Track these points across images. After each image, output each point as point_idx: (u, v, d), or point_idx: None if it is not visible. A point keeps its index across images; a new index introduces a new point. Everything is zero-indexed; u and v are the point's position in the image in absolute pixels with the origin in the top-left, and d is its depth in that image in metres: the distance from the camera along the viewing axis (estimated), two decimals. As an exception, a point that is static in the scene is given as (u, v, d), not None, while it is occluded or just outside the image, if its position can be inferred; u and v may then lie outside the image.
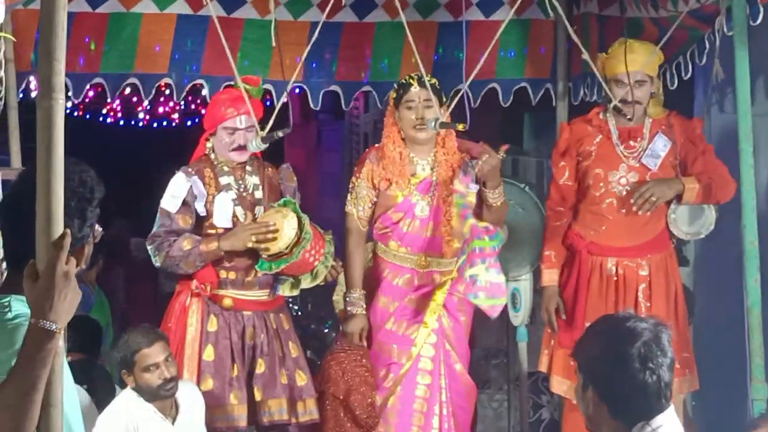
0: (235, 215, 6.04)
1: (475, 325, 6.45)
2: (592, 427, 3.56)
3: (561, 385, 6.38)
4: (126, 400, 5.50)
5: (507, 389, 8.17)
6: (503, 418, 8.08)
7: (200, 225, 6.08)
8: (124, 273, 10.97)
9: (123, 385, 5.52)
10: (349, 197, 6.24)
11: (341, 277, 7.21)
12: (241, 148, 6.06)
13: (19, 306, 3.28)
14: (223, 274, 6.07)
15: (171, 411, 5.62)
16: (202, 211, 6.04)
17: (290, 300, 9.30)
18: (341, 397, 7.17)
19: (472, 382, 6.31)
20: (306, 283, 6.10)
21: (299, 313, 9.91)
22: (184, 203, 6.01)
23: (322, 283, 6.26)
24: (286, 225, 5.85)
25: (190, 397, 5.72)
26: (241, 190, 6.13)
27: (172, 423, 5.60)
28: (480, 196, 6.09)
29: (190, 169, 6.08)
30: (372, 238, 6.36)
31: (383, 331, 6.16)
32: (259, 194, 6.15)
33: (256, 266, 5.99)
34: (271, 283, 6.12)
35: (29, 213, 3.11)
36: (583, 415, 3.59)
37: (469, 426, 6.31)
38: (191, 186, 6.01)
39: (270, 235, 5.83)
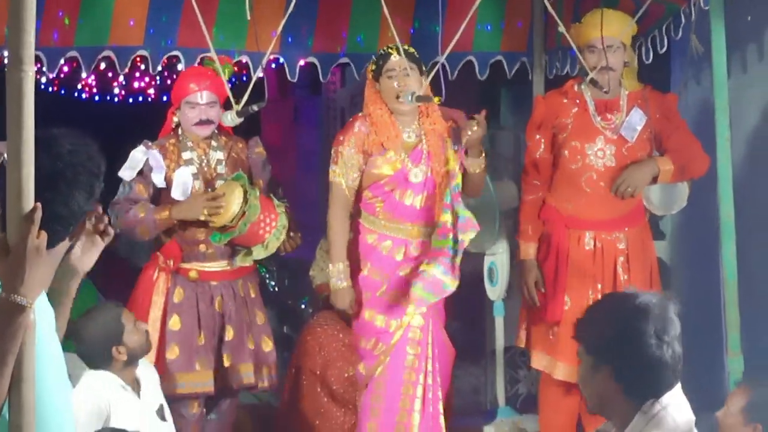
0: (194, 188, 6.19)
1: (452, 298, 6.44)
2: (600, 409, 3.56)
3: (540, 360, 6.40)
4: (94, 380, 5.48)
5: (484, 363, 8.18)
6: (480, 393, 8.10)
7: (161, 196, 6.24)
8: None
9: (94, 366, 5.49)
10: (334, 168, 6.17)
11: (318, 252, 7.22)
12: (203, 122, 6.24)
13: None
14: (186, 248, 6.25)
15: (135, 386, 5.66)
16: (160, 183, 6.21)
17: (267, 276, 9.32)
18: (318, 372, 7.19)
19: (453, 347, 6.33)
20: (258, 253, 6.23)
21: (276, 289, 9.91)
22: (141, 173, 6.19)
23: (283, 253, 6.44)
24: (232, 199, 6.01)
25: (147, 371, 5.82)
26: (203, 164, 6.28)
27: (138, 396, 5.64)
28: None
29: (150, 143, 6.26)
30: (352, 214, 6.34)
31: (372, 301, 6.14)
32: (221, 169, 6.29)
33: (209, 237, 6.16)
34: (231, 254, 6.29)
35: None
36: (590, 397, 3.57)
37: (447, 388, 6.32)
38: (147, 158, 6.19)
39: (218, 208, 5.99)
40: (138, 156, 6.19)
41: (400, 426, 6.05)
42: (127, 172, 6.17)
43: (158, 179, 6.19)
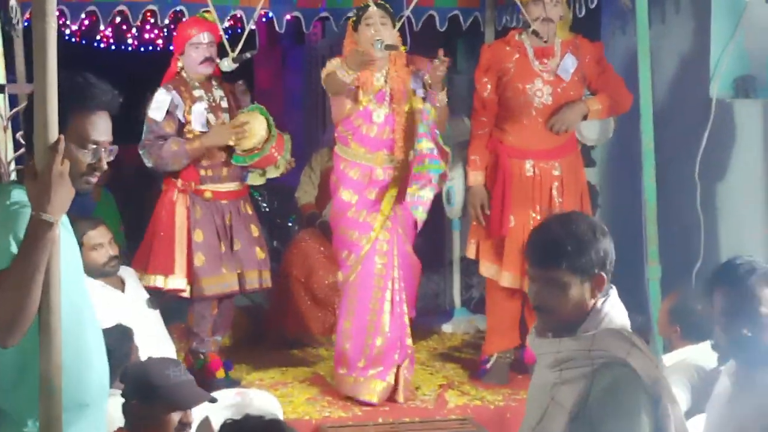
0: (208, 121, 6.19)
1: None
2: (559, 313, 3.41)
3: (488, 269, 6.41)
4: None
5: (443, 272, 8.22)
6: (440, 296, 8.14)
7: (180, 131, 6.20)
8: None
9: None
10: (329, 66, 5.99)
11: (303, 177, 7.24)
12: (207, 60, 6.23)
13: (18, 194, 3.27)
14: (202, 172, 6.24)
15: (118, 284, 5.75)
16: (182, 119, 6.17)
17: (260, 198, 9.31)
18: (302, 279, 7.24)
19: (418, 260, 6.34)
20: (270, 173, 6.31)
21: (267, 209, 9.90)
22: (168, 112, 6.14)
23: (284, 172, 6.44)
24: (257, 125, 6.04)
25: (130, 276, 5.91)
26: (211, 100, 6.27)
27: (122, 291, 5.73)
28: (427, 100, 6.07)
29: (169, 85, 6.21)
30: (328, 144, 6.36)
31: (345, 219, 6.15)
32: (224, 104, 6.30)
33: (231, 160, 6.17)
34: (240, 176, 6.31)
35: None
36: (560, 304, 3.39)
37: (413, 297, 6.36)
38: (171, 98, 6.15)
39: (244, 133, 6.02)
40: (163, 97, 6.15)
41: (371, 324, 6.07)
42: (157, 113, 6.13)
43: (181, 116, 6.16)
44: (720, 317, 3.61)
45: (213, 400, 4.33)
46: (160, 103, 6.13)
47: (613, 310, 3.39)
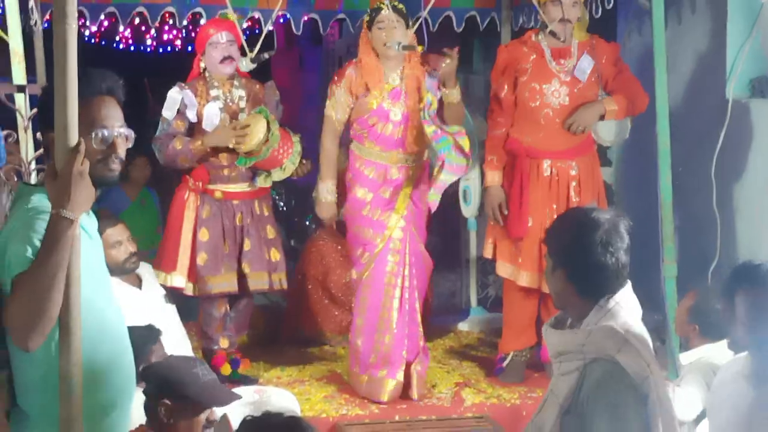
0: (221, 121, 6.18)
1: (433, 215, 6.47)
2: (560, 303, 3.56)
3: (505, 269, 6.40)
4: None
5: (459, 271, 8.21)
6: (456, 295, 8.13)
7: (194, 129, 6.23)
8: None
9: None
10: (328, 103, 6.22)
11: (319, 177, 7.24)
12: (226, 59, 6.22)
13: (38, 199, 3.27)
14: (212, 172, 6.26)
15: (136, 282, 5.75)
16: (193, 118, 6.20)
17: (277, 197, 9.32)
18: (320, 278, 7.24)
19: (430, 259, 6.33)
20: (276, 175, 6.25)
21: (285, 208, 9.91)
22: (178, 111, 6.18)
23: (295, 177, 6.43)
24: (257, 128, 6.00)
25: (148, 273, 5.92)
26: (228, 100, 6.26)
27: (139, 289, 5.73)
28: (441, 97, 6.07)
29: (183, 84, 6.25)
30: (345, 143, 6.37)
31: (359, 217, 6.16)
32: (243, 104, 6.28)
33: (236, 162, 6.16)
34: (251, 177, 6.28)
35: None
36: (552, 292, 3.58)
37: (426, 298, 6.36)
38: (182, 97, 6.18)
39: (244, 136, 6.00)
40: (175, 96, 6.19)
41: (382, 321, 6.08)
42: (168, 112, 6.18)
43: (191, 115, 6.18)
44: (743, 318, 3.61)
45: (238, 398, 4.35)
46: (171, 102, 6.18)
47: (619, 306, 3.42)
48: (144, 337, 4.62)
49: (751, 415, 3.57)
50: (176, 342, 5.60)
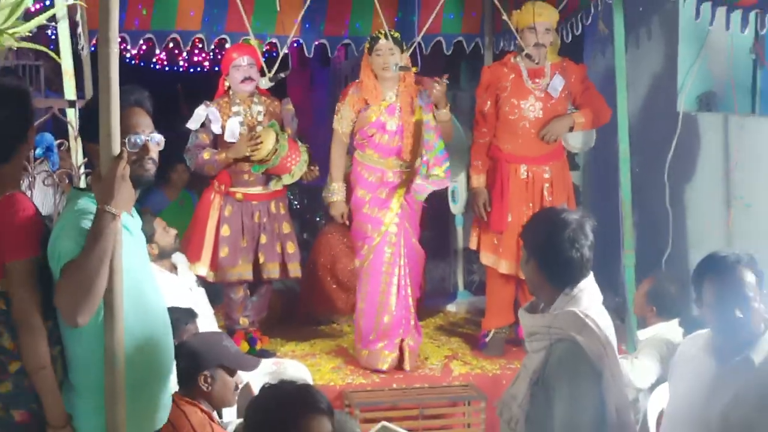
0: (240, 133, 6.16)
1: (427, 212, 6.46)
2: (533, 290, 3.58)
3: (488, 258, 6.40)
4: None
5: (448, 260, 8.20)
6: (446, 280, 8.13)
7: (218, 140, 6.22)
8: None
9: None
10: (335, 118, 6.23)
11: (329, 180, 7.23)
12: (246, 79, 6.21)
13: (84, 202, 3.27)
14: (234, 177, 6.27)
15: (172, 269, 5.75)
16: (217, 131, 6.19)
17: (292, 197, 9.31)
18: (328, 266, 7.24)
19: (422, 250, 6.32)
20: (286, 180, 6.23)
21: (298, 206, 9.89)
22: (203, 125, 6.18)
23: (304, 181, 6.44)
24: (268, 139, 6.01)
25: (179, 257, 5.89)
26: (247, 115, 6.24)
27: (176, 275, 5.74)
28: (434, 116, 6.06)
29: (208, 102, 6.25)
30: (350, 151, 6.37)
31: (360, 214, 6.17)
32: (260, 118, 6.26)
33: (251, 169, 6.17)
34: (266, 181, 6.27)
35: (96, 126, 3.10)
36: (526, 280, 3.62)
37: (419, 281, 6.35)
38: (207, 114, 6.17)
39: (257, 147, 6.02)
40: (200, 112, 6.18)
41: (380, 304, 6.08)
42: (192, 124, 6.18)
43: (216, 128, 6.16)
44: (710, 301, 3.58)
45: (260, 362, 4.37)
46: (196, 117, 6.18)
47: (582, 294, 3.43)
48: (183, 317, 4.63)
49: (714, 384, 3.56)
50: (206, 320, 5.60)
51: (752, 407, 3.41)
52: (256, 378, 4.94)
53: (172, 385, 3.87)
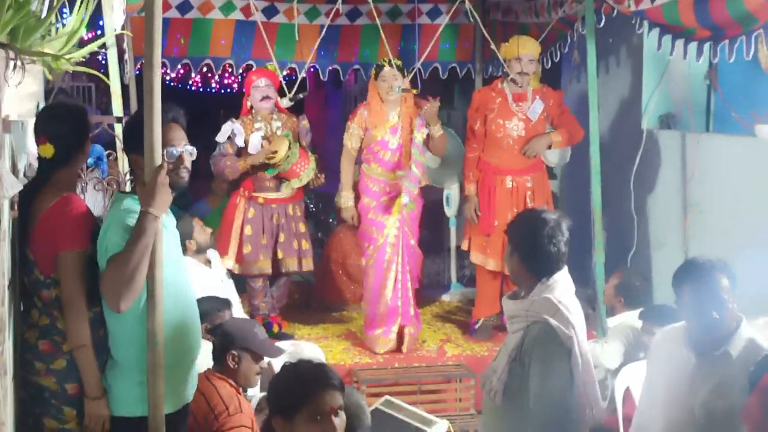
0: (262, 146, 6.16)
1: (425, 215, 6.46)
2: (515, 279, 3.59)
3: (477, 257, 6.39)
4: None
5: (443, 256, 8.19)
6: (441, 274, 8.11)
7: (242, 152, 6.21)
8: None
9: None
10: (345, 135, 6.22)
11: (340, 186, 7.23)
12: (264, 98, 6.20)
13: (129, 202, 3.28)
14: (257, 183, 6.27)
15: (207, 263, 5.72)
16: (241, 144, 6.19)
17: (309, 200, 9.30)
18: (340, 261, 7.23)
19: (420, 251, 6.32)
20: (294, 184, 6.22)
21: (314, 209, 9.88)
22: (229, 138, 6.19)
23: (312, 186, 6.44)
24: (281, 147, 6.01)
25: (213, 253, 5.86)
26: (268, 130, 6.23)
27: (210, 268, 5.71)
28: (428, 133, 6.07)
29: (234, 119, 6.26)
30: (358, 162, 6.38)
31: (366, 219, 6.18)
32: (279, 133, 6.23)
33: (265, 171, 6.19)
34: (278, 185, 6.27)
35: (139, 138, 3.10)
36: (509, 271, 3.62)
37: (417, 278, 6.35)
38: (232, 128, 6.18)
39: (272, 153, 6.03)
40: (227, 127, 6.19)
41: (382, 297, 6.09)
42: (220, 137, 6.19)
43: (240, 141, 6.16)
44: (691, 304, 3.48)
45: (283, 352, 4.35)
46: (223, 131, 6.20)
47: (556, 284, 3.44)
48: (218, 305, 4.63)
49: (695, 375, 3.48)
50: (234, 306, 5.61)
51: (733, 396, 3.35)
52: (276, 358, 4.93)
53: (202, 363, 3.87)
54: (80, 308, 3.25)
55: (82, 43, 3.76)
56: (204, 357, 4.13)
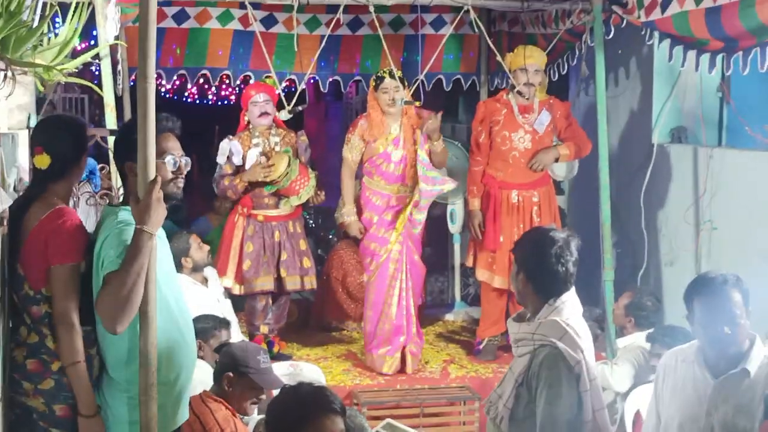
0: (260, 162, 6.15)
1: (428, 231, 6.45)
2: (521, 300, 3.55)
3: (482, 274, 6.37)
4: None
5: (447, 274, 8.19)
6: (444, 292, 8.10)
7: (240, 170, 6.21)
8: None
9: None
10: (345, 147, 6.21)
11: (340, 202, 7.22)
12: (263, 114, 6.20)
13: (123, 215, 3.28)
14: (255, 200, 6.26)
15: (204, 281, 5.70)
16: (239, 162, 6.19)
17: (308, 216, 9.30)
18: (340, 279, 7.21)
19: (423, 266, 6.32)
20: (294, 201, 6.22)
21: (314, 225, 9.89)
22: (228, 157, 6.19)
23: (312, 204, 6.42)
24: (280, 164, 6.02)
25: (211, 271, 5.89)
26: (266, 146, 6.23)
27: (207, 287, 5.70)
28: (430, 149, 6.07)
29: (231, 137, 6.26)
30: (359, 177, 6.38)
31: (368, 234, 6.17)
32: (277, 148, 6.22)
33: (264, 189, 6.17)
34: (276, 202, 6.26)
35: (133, 146, 3.10)
36: (515, 291, 3.57)
37: (420, 292, 6.34)
38: (230, 147, 6.18)
39: (270, 170, 6.02)
40: (224, 146, 6.19)
41: (384, 314, 6.08)
42: (220, 158, 6.21)
43: (237, 160, 6.16)
44: (702, 320, 3.48)
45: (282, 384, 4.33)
46: (221, 151, 6.21)
47: (564, 305, 3.41)
48: (215, 324, 4.62)
49: (714, 395, 3.47)
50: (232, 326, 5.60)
51: (753, 414, 3.33)
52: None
53: (197, 384, 3.86)
54: (73, 323, 3.24)
55: (74, 54, 3.76)
56: (206, 377, 4.12)
